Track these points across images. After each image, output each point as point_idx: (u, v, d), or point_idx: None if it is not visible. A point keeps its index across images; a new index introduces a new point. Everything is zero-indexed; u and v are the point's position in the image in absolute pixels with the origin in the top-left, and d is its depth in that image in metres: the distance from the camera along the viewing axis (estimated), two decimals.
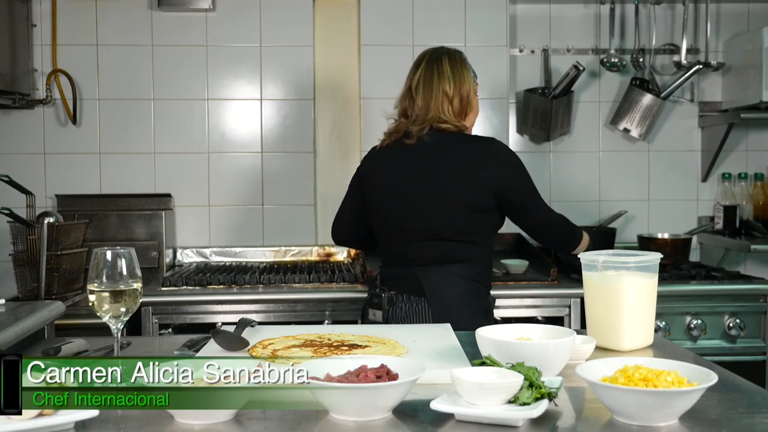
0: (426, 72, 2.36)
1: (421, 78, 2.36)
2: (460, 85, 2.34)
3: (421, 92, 2.34)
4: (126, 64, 3.46)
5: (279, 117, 3.53)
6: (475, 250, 2.33)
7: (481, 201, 2.29)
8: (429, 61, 2.37)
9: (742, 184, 3.69)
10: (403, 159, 2.37)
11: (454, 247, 2.31)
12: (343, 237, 2.63)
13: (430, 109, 2.33)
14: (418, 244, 2.33)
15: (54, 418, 1.23)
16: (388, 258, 2.44)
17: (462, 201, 2.28)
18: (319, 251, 3.54)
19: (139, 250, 1.58)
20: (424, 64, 2.37)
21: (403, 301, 2.32)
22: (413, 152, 2.35)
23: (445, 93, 2.33)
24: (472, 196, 2.28)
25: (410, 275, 2.33)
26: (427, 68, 2.36)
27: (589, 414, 1.35)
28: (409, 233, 2.34)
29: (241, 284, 2.97)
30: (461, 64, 2.37)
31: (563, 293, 2.92)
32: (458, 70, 2.35)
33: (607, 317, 1.80)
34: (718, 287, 3.01)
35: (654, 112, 3.61)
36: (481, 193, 2.28)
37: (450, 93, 2.33)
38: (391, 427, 1.26)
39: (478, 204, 2.29)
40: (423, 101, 2.34)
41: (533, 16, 3.67)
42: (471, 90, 2.36)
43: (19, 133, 3.44)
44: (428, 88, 2.34)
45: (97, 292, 1.46)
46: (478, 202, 2.29)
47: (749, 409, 1.37)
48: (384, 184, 2.39)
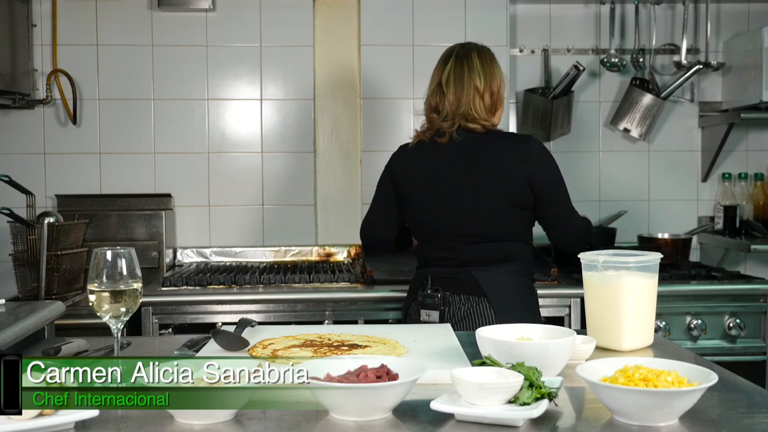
0: (456, 66, 2.34)
1: (451, 72, 2.33)
2: (491, 80, 2.33)
3: (452, 86, 2.32)
4: (126, 64, 3.46)
5: (279, 117, 3.54)
6: (522, 248, 2.35)
7: (523, 197, 2.28)
8: (458, 56, 2.35)
9: (742, 184, 3.69)
10: (440, 158, 2.33)
11: (505, 247, 2.32)
12: (373, 240, 2.56)
13: (461, 104, 2.31)
14: (471, 245, 2.31)
15: (54, 418, 1.23)
16: (435, 259, 2.38)
17: (506, 200, 2.28)
18: (319, 251, 3.54)
19: (139, 250, 1.58)
20: (453, 58, 2.35)
21: (462, 302, 2.29)
22: (449, 151, 2.32)
23: (476, 87, 2.31)
24: (514, 195, 2.28)
25: (465, 276, 2.31)
26: (456, 63, 2.34)
27: (589, 414, 1.35)
28: (458, 235, 2.32)
29: (241, 284, 2.97)
30: (491, 59, 2.36)
31: (563, 293, 2.92)
32: (488, 65, 2.34)
33: (607, 317, 1.80)
34: (718, 287, 3.01)
35: (654, 112, 3.61)
36: (521, 190, 2.28)
37: (481, 88, 2.31)
38: (391, 427, 1.26)
39: (520, 201, 2.29)
40: (454, 96, 2.31)
41: (533, 16, 3.67)
42: (501, 85, 2.36)
43: (19, 133, 3.44)
44: (459, 83, 2.32)
45: (97, 292, 1.46)
46: (519, 199, 2.28)
47: (749, 409, 1.37)
48: (422, 185, 2.35)
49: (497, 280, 2.30)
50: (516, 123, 3.68)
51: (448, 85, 2.32)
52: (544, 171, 2.30)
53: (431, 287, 2.34)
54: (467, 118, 2.31)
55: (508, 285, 2.31)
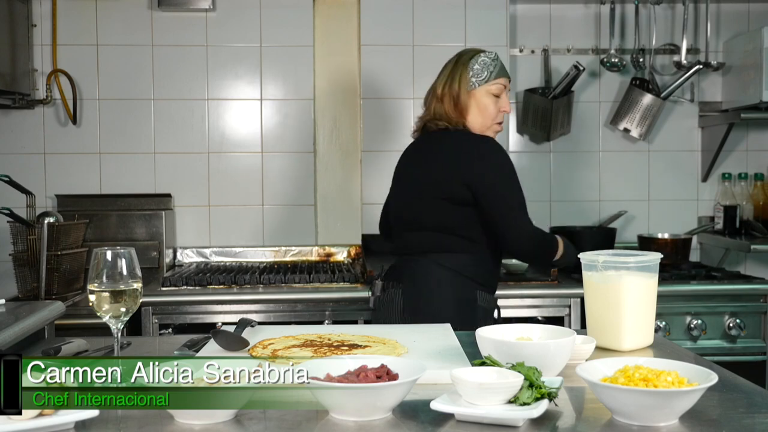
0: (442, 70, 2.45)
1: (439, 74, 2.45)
2: (450, 85, 2.37)
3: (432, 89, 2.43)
4: (126, 64, 3.46)
5: (279, 117, 3.53)
6: (459, 242, 2.32)
7: (456, 193, 2.28)
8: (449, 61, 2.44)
9: (742, 184, 3.69)
10: (409, 154, 2.47)
11: (436, 238, 2.33)
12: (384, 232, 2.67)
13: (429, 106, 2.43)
14: (407, 234, 2.40)
15: (54, 418, 1.23)
16: (392, 248, 2.54)
17: (440, 192, 2.30)
18: (319, 251, 3.54)
19: (139, 250, 1.58)
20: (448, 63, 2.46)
21: (390, 288, 2.39)
22: (415, 147, 2.46)
23: (434, 91, 2.41)
24: (447, 189, 2.29)
25: (398, 264, 2.42)
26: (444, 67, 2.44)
27: (589, 414, 1.35)
28: (400, 224, 2.43)
29: (241, 284, 2.97)
30: (464, 63, 2.38)
31: (563, 293, 2.92)
32: (455, 69, 2.38)
33: (607, 317, 1.80)
34: (718, 287, 3.01)
35: (654, 112, 3.61)
36: (456, 187, 2.28)
37: (439, 92, 2.39)
38: (391, 427, 1.26)
39: (454, 196, 2.29)
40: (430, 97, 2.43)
41: (533, 16, 3.67)
42: (462, 91, 2.35)
43: (19, 133, 3.44)
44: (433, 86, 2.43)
45: (97, 292, 1.46)
46: (453, 195, 2.29)
47: (749, 409, 1.37)
48: (395, 178, 2.51)
49: (417, 269, 2.33)
50: (516, 123, 3.68)
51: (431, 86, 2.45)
52: (486, 174, 2.28)
53: (378, 276, 2.49)
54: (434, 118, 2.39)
55: (428, 276, 2.31)
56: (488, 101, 2.37)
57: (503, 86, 2.39)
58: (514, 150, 3.67)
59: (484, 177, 2.28)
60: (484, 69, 2.37)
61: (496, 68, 2.38)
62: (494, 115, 2.38)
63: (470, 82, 2.36)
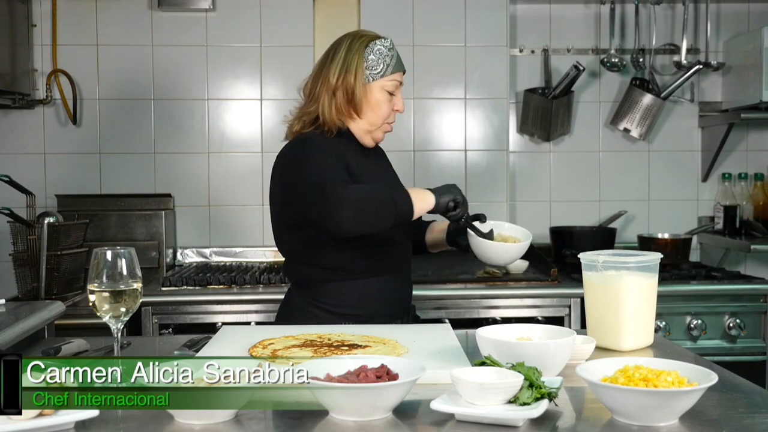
0: (325, 55, 2.08)
1: (320, 61, 2.09)
2: (345, 75, 2.01)
3: (313, 77, 2.07)
4: (126, 64, 3.46)
5: (279, 117, 3.53)
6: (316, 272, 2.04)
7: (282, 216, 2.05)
8: (332, 45, 2.08)
9: (742, 184, 3.69)
10: None
11: (292, 269, 2.10)
12: None
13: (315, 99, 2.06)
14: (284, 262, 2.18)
15: (54, 418, 1.23)
16: None
17: (275, 218, 2.09)
18: None
19: (139, 250, 1.58)
20: (329, 47, 2.09)
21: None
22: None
23: (328, 82, 2.02)
24: (274, 212, 2.08)
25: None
26: (327, 51, 2.08)
27: (589, 414, 1.35)
28: None
29: (241, 284, 2.97)
30: (358, 51, 2.03)
31: (563, 293, 2.92)
32: (351, 58, 2.02)
33: (607, 317, 1.80)
34: (718, 287, 3.01)
35: (654, 112, 3.61)
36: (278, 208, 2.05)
37: (333, 83, 2.02)
38: (391, 427, 1.26)
39: (280, 220, 2.06)
40: (310, 88, 2.07)
41: (533, 16, 3.67)
42: (357, 84, 2.02)
43: (19, 133, 3.44)
44: (318, 73, 2.06)
45: (97, 292, 1.46)
46: (280, 218, 2.06)
47: (749, 409, 1.37)
48: None
49: (285, 301, 2.16)
50: (516, 123, 3.68)
51: (312, 75, 2.09)
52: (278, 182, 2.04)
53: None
54: (313, 116, 2.05)
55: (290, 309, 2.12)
56: (382, 98, 2.05)
57: (399, 82, 2.07)
58: (514, 150, 3.67)
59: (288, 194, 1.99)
60: (380, 61, 2.03)
61: (393, 60, 2.05)
62: (386, 114, 2.07)
63: (365, 75, 2.03)
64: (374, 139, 2.12)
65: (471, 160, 3.54)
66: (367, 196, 1.86)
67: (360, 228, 1.86)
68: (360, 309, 2.04)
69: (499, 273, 3.06)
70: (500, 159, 3.54)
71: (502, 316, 2.90)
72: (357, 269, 2.03)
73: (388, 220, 1.88)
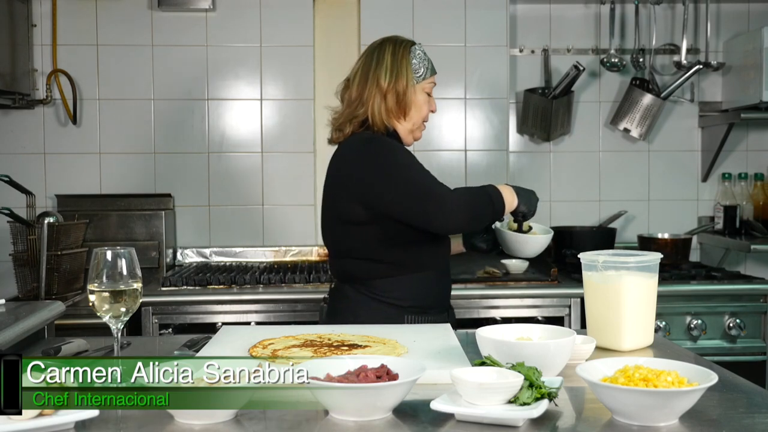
0: (366, 60, 2.15)
1: (360, 66, 2.16)
2: (396, 79, 2.10)
3: (356, 81, 2.14)
4: (126, 64, 3.46)
5: (279, 117, 3.53)
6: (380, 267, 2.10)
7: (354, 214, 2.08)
8: (371, 49, 2.17)
9: (742, 184, 3.69)
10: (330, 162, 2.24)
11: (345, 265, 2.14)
12: None
13: (363, 102, 2.12)
14: (332, 260, 2.22)
15: (54, 418, 1.23)
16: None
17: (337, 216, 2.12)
18: (319, 251, 3.54)
19: (139, 250, 1.58)
20: (367, 52, 2.17)
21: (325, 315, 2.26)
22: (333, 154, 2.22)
23: (379, 86, 2.11)
24: (344, 210, 2.09)
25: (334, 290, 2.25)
26: (368, 56, 2.16)
27: (589, 414, 1.35)
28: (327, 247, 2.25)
29: (241, 284, 2.97)
30: (403, 55, 2.13)
31: (563, 293, 2.92)
32: (398, 62, 2.11)
33: (607, 317, 1.80)
34: (718, 287, 3.01)
35: (654, 112, 3.61)
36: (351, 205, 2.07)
37: (384, 86, 2.11)
38: (391, 427, 1.26)
39: (351, 218, 2.08)
40: (357, 92, 2.13)
41: (533, 16, 3.67)
42: (408, 86, 2.11)
43: (19, 133, 3.44)
44: (364, 78, 2.13)
45: (97, 292, 1.46)
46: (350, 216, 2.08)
47: (749, 409, 1.37)
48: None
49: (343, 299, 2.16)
50: (516, 123, 3.68)
51: (353, 80, 2.16)
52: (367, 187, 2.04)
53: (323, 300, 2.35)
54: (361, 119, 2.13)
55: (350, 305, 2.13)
56: (423, 100, 2.16)
57: (434, 84, 2.20)
58: (514, 150, 3.67)
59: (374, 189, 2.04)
60: (420, 65, 2.15)
61: (429, 64, 2.18)
62: (426, 115, 2.19)
63: (412, 78, 2.13)
64: (414, 138, 2.23)
65: (471, 160, 3.54)
66: (472, 197, 2.03)
67: (465, 227, 2.07)
68: (418, 301, 2.12)
69: (499, 273, 3.06)
70: (500, 159, 3.54)
71: (502, 316, 2.90)
72: (415, 264, 2.12)
73: (487, 219, 2.08)
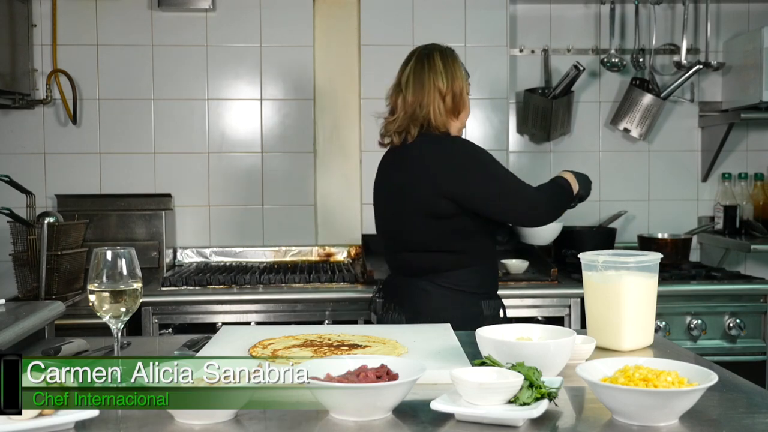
0: (416, 66, 2.30)
1: (411, 72, 2.30)
2: (453, 82, 2.28)
3: (412, 87, 2.28)
4: (126, 64, 3.46)
5: (279, 117, 3.53)
6: (455, 259, 2.26)
7: (440, 208, 2.20)
8: (419, 57, 2.31)
9: (742, 184, 3.69)
10: (390, 162, 2.37)
11: (427, 258, 2.26)
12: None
13: (423, 105, 2.27)
14: (402, 254, 2.33)
15: (54, 418, 1.22)
16: (386, 264, 2.49)
17: (423, 209, 2.22)
18: (319, 251, 3.54)
19: (139, 250, 1.58)
20: (415, 59, 2.32)
21: (392, 310, 2.33)
22: (396, 154, 2.34)
23: (437, 89, 2.27)
24: (430, 204, 2.21)
25: (397, 284, 2.35)
26: (417, 63, 2.31)
27: (589, 414, 1.35)
28: (394, 242, 2.36)
29: (241, 284, 2.97)
30: (453, 60, 2.31)
31: (563, 293, 2.92)
32: (450, 66, 2.29)
33: (607, 317, 1.80)
34: (718, 287, 3.01)
35: (654, 112, 3.61)
36: (437, 200, 2.20)
37: (443, 89, 2.27)
38: (391, 427, 1.26)
39: (438, 211, 2.21)
40: (414, 96, 2.28)
41: (533, 16, 3.67)
42: (464, 87, 2.31)
43: (19, 133, 3.44)
44: (419, 83, 2.28)
45: (97, 292, 1.46)
46: (437, 210, 2.21)
47: (749, 409, 1.37)
48: (377, 189, 2.43)
49: (417, 292, 2.27)
50: (516, 123, 3.68)
51: (407, 85, 2.29)
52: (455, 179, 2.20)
53: (376, 292, 2.45)
54: (421, 121, 2.27)
55: (428, 298, 2.25)
56: (468, 101, 2.35)
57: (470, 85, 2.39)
58: (514, 150, 3.67)
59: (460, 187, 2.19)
60: (463, 68, 2.34)
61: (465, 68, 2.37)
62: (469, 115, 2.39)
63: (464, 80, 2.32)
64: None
65: None
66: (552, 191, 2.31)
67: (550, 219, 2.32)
68: (490, 287, 2.34)
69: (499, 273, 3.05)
70: (500, 159, 3.49)
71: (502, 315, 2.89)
72: (484, 253, 2.32)
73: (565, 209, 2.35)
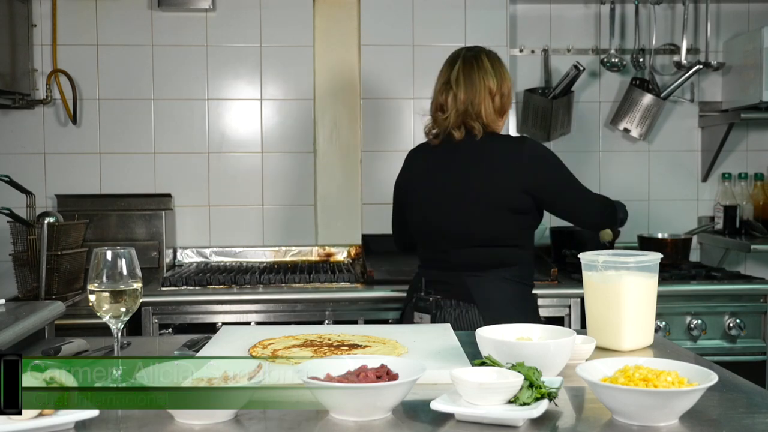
0: (465, 66, 2.35)
1: (460, 71, 2.35)
2: (502, 82, 2.35)
3: (463, 85, 2.33)
4: (126, 64, 3.46)
5: (279, 117, 3.53)
6: (518, 253, 2.35)
7: (520, 203, 2.29)
8: (467, 58, 2.37)
9: (742, 184, 3.69)
10: (438, 159, 2.38)
11: (498, 253, 2.32)
12: (400, 244, 2.65)
13: (474, 104, 2.32)
14: (463, 249, 2.33)
15: (54, 418, 1.22)
16: (431, 262, 2.43)
17: (501, 204, 2.29)
18: (319, 251, 3.54)
19: (139, 250, 1.58)
20: (462, 59, 2.37)
21: (452, 307, 2.31)
22: (446, 152, 2.36)
23: (488, 88, 2.33)
24: (510, 199, 2.28)
25: (457, 281, 2.33)
26: (465, 63, 2.36)
27: (589, 414, 1.35)
28: (452, 238, 2.34)
29: (241, 284, 2.97)
30: (499, 62, 2.40)
31: (563, 293, 2.92)
32: (498, 67, 2.37)
33: (607, 317, 1.80)
34: (718, 287, 3.01)
35: (654, 112, 3.61)
36: (514, 194, 2.28)
37: (494, 89, 2.33)
38: (391, 427, 1.26)
39: (516, 206, 2.29)
40: (465, 95, 2.33)
41: (533, 16, 3.67)
42: (511, 89, 2.39)
43: (19, 133, 3.44)
44: (470, 82, 2.33)
45: (97, 292, 1.46)
46: (516, 205, 2.29)
47: (749, 409, 1.37)
48: (423, 186, 2.41)
49: (489, 286, 2.30)
50: (516, 123, 3.68)
51: (458, 84, 2.34)
52: (540, 176, 2.31)
53: (425, 290, 2.35)
54: (473, 119, 2.32)
55: (500, 292, 2.29)
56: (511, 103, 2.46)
57: None
58: None
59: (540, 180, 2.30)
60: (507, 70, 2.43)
61: None
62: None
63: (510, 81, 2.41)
64: None
65: None
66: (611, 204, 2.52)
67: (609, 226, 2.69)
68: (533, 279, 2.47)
69: None
70: None
71: None
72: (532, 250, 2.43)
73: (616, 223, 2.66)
